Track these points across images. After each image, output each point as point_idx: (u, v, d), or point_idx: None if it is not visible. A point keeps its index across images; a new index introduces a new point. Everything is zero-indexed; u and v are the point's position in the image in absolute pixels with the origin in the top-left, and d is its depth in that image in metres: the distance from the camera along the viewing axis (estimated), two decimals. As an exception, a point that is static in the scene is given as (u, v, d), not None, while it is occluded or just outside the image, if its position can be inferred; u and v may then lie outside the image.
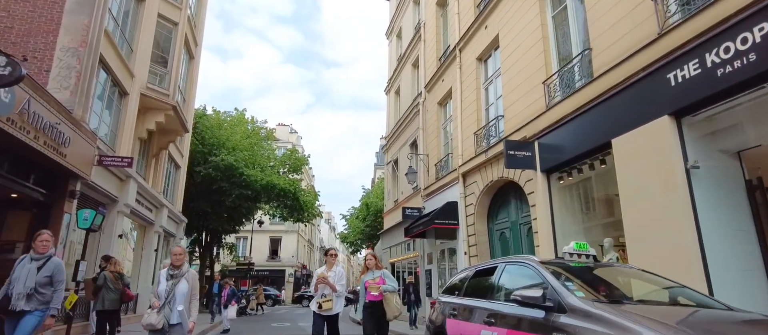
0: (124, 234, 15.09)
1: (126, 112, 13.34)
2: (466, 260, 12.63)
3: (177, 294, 4.99)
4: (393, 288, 6.53)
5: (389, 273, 6.85)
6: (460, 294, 5.36)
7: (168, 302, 4.94)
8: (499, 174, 11.34)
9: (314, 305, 6.41)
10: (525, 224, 10.77)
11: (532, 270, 4.08)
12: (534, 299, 3.55)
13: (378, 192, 31.07)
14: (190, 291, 5.10)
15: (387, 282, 6.55)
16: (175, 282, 5.03)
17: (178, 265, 5.13)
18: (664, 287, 4.17)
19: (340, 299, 6.49)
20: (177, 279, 5.06)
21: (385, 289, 6.45)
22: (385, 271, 6.82)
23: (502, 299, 4.42)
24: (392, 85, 23.57)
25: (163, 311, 4.89)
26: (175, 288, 5.00)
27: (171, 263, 5.17)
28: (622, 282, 4.25)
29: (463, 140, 13.43)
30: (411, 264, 18.46)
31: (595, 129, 7.96)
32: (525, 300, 3.60)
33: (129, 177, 12.98)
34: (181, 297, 5.01)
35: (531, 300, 3.57)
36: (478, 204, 12.43)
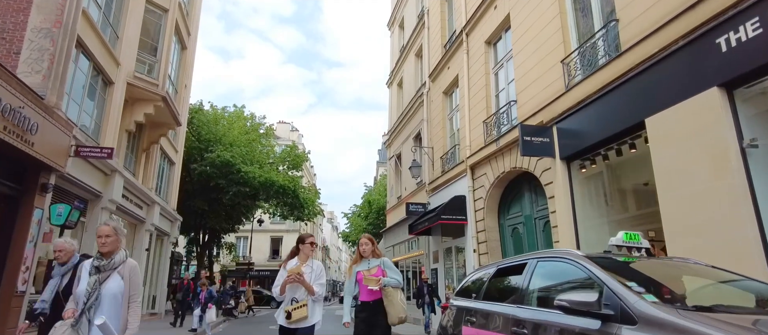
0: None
1: (111, 102, 12.50)
2: (475, 258, 11.75)
3: (104, 297, 3.26)
4: (397, 282, 4.94)
5: (391, 262, 5.18)
6: (478, 297, 4.48)
7: (87, 309, 3.19)
8: (511, 165, 10.44)
9: (281, 315, 4.44)
10: (541, 218, 9.88)
11: (577, 266, 3.19)
12: (586, 305, 2.66)
13: (380, 189, 30.16)
14: (126, 293, 3.36)
15: (388, 273, 4.95)
16: (99, 279, 3.30)
17: (106, 252, 3.40)
18: (742, 288, 3.28)
19: (317, 305, 4.53)
20: (105, 273, 3.34)
21: (386, 283, 4.83)
22: (385, 260, 5.13)
23: (533, 304, 3.54)
24: (394, 77, 22.69)
25: (79, 323, 3.16)
26: (100, 287, 3.27)
27: (98, 250, 3.46)
28: (692, 281, 3.35)
29: (471, 130, 12.53)
30: (415, 264, 17.58)
31: (623, 109, 7.06)
32: (574, 306, 2.71)
33: (114, 171, 12.14)
34: (109, 303, 3.27)
35: (581, 307, 2.69)
36: (488, 197, 11.54)
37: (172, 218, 19.74)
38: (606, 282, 2.79)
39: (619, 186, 8.42)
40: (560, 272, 3.46)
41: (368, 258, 5.11)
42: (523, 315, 3.46)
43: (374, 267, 5.00)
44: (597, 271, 2.95)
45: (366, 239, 5.19)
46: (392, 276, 4.97)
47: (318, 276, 4.57)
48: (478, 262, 11.67)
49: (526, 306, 3.55)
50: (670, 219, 6.09)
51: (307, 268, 4.58)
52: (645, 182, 8.12)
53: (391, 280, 4.91)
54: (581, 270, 3.13)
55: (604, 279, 2.84)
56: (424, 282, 13.12)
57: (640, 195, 8.17)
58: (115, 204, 12.41)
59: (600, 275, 2.89)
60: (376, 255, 5.14)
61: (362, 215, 30.41)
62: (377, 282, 4.81)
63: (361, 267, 5.08)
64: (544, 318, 3.18)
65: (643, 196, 8.12)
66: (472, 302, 4.53)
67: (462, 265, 12.76)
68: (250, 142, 25.43)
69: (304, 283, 4.41)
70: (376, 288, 4.80)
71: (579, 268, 3.16)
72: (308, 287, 4.43)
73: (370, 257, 5.11)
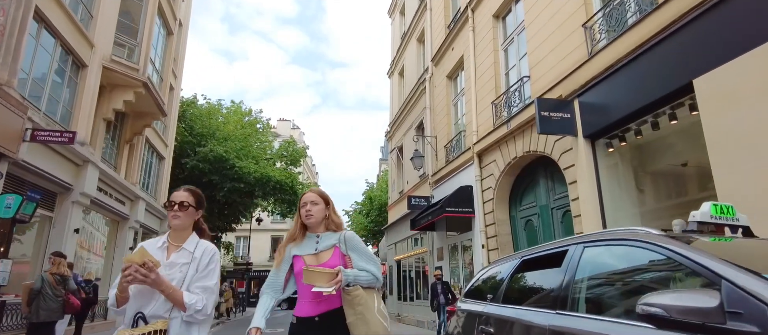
0: (91, 229, 13.22)
1: (84, 87, 11.43)
2: (484, 255, 10.59)
3: None
4: (371, 279, 2.55)
5: (359, 240, 2.69)
6: (495, 299, 3.34)
7: None
8: (524, 149, 9.29)
9: None
10: (559, 208, 8.72)
11: (658, 252, 2.04)
12: (701, 313, 1.53)
13: (382, 185, 29.02)
14: None
15: (355, 261, 2.58)
16: None
17: None
18: None
19: (194, 330, 2.19)
20: None
21: (352, 280, 2.45)
22: (348, 236, 2.66)
23: (580, 309, 2.39)
24: (395, 66, 21.56)
25: None
26: None
27: None
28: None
29: (479, 113, 11.38)
30: (418, 262, 16.44)
31: (661, 72, 5.90)
32: (680, 315, 1.57)
33: (87, 161, 11.08)
34: None
35: (692, 317, 1.55)
36: (498, 187, 10.38)
37: (162, 215, 18.68)
38: (733, 278, 1.63)
39: (654, 167, 7.26)
40: (625, 262, 2.32)
41: (317, 231, 2.64)
42: (569, 327, 2.31)
43: (327, 250, 2.58)
44: (708, 261, 1.79)
45: (314, 195, 2.68)
46: (363, 266, 2.54)
47: (201, 272, 2.22)
48: (487, 259, 10.52)
49: (571, 312, 2.40)
50: (729, 199, 4.92)
51: (182, 255, 2.24)
52: (683, 162, 6.98)
53: (361, 275, 2.49)
54: (668, 257, 1.98)
55: (728, 273, 1.68)
56: (438, 280, 11.48)
57: (682, 177, 7.00)
58: (88, 197, 11.34)
59: (718, 267, 1.73)
60: (333, 226, 2.67)
61: (363, 212, 29.30)
62: (332, 277, 2.35)
63: (302, 247, 2.62)
64: (609, 333, 2.04)
65: (684, 179, 6.96)
66: (487, 305, 3.40)
67: (469, 263, 11.61)
68: (246, 136, 24.35)
69: (159, 284, 2.07)
70: (331, 291, 2.32)
71: (662, 254, 2.01)
72: (169, 293, 2.09)
73: (319, 229, 2.65)
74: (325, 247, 2.59)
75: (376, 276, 2.55)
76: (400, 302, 18.18)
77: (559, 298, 2.53)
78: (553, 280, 2.76)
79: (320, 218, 2.63)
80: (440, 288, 11.25)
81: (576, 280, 2.51)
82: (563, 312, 2.44)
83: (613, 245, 2.43)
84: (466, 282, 11.91)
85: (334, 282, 2.33)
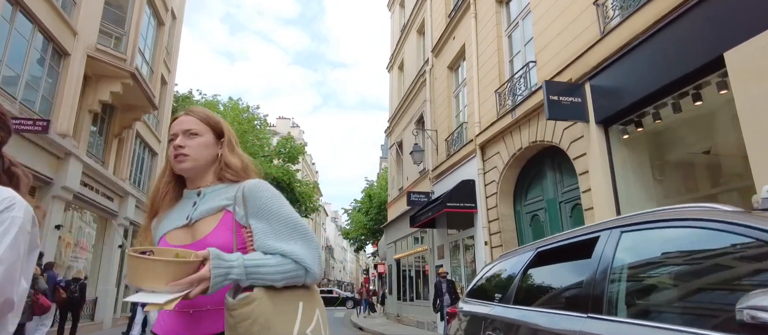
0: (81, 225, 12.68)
1: (66, 76, 10.88)
2: (487, 252, 10.02)
3: None
4: (286, 270, 1.19)
5: (274, 198, 1.30)
6: (504, 299, 2.78)
7: None
8: (530, 139, 8.71)
9: None
10: (568, 201, 8.14)
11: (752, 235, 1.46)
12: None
13: (382, 182, 28.43)
14: None
15: (257, 236, 1.25)
16: None
17: None
18: None
19: None
20: None
21: (239, 277, 1.14)
22: (250, 187, 1.31)
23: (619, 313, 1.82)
24: (395, 59, 20.98)
25: None
26: None
27: None
28: None
29: (481, 103, 10.80)
30: (418, 261, 15.86)
31: (685, 47, 5.33)
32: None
33: (69, 154, 10.52)
34: None
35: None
36: (502, 180, 9.81)
37: (154, 213, 18.10)
38: None
39: (673, 155, 6.68)
40: (683, 249, 1.74)
41: (198, 185, 1.40)
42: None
43: (210, 216, 1.32)
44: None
45: (192, 120, 1.41)
46: (273, 245, 1.24)
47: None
48: (491, 257, 9.94)
49: (610, 317, 1.83)
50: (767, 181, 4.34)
51: None
52: (706, 150, 6.41)
53: (264, 267, 1.19)
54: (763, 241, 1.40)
55: None
56: (443, 278, 10.59)
57: (701, 166, 6.42)
58: (70, 192, 10.79)
59: None
60: (229, 175, 1.40)
61: (363, 210, 28.71)
62: (182, 273, 1.09)
63: (171, 217, 1.38)
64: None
65: (706, 168, 6.38)
66: (494, 307, 2.83)
67: (471, 261, 11.03)
68: (243, 133, 23.80)
69: None
70: (166, 306, 1.04)
71: (750, 238, 1.43)
72: None
73: (203, 181, 1.41)
74: (205, 212, 1.32)
75: (302, 263, 1.23)
76: (399, 302, 17.61)
77: (591, 298, 1.96)
78: (579, 275, 2.19)
79: (204, 161, 1.38)
80: (445, 286, 10.38)
81: (613, 275, 1.94)
82: (598, 315, 1.87)
83: (665, 228, 1.85)
84: (468, 282, 11.33)
85: (177, 286, 1.07)
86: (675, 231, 1.78)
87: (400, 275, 17.88)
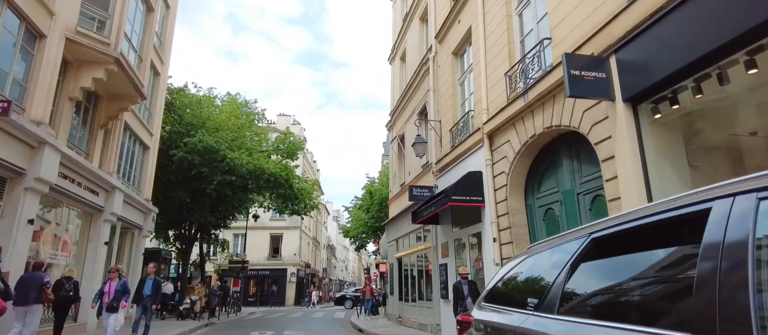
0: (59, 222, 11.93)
1: (42, 59, 10.12)
2: (496, 249, 9.21)
3: None
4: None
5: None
6: (544, 307, 1.96)
7: None
8: (544, 125, 7.89)
9: None
10: (588, 192, 7.32)
11: None
12: None
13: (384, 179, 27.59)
14: None
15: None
16: None
17: None
18: None
19: None
20: None
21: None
22: None
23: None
24: (397, 50, 20.17)
25: None
26: None
27: None
28: None
29: (490, 88, 9.99)
30: (421, 260, 15.05)
31: (732, 6, 4.50)
32: None
33: (43, 143, 9.75)
34: None
35: None
36: (513, 172, 8.99)
37: (145, 209, 17.38)
38: None
39: (713, 137, 5.86)
40: None
41: None
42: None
43: None
44: None
45: None
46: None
47: None
48: (499, 255, 9.13)
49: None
50: None
51: None
52: (752, 131, 5.59)
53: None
54: None
55: None
56: (464, 278, 9.24)
57: (745, 151, 5.61)
58: (46, 184, 10.02)
59: None
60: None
61: (363, 207, 27.88)
62: None
63: None
64: None
65: (751, 153, 5.56)
66: (528, 318, 2.01)
67: (477, 260, 10.21)
68: (240, 127, 23.01)
69: None
70: None
71: None
72: None
73: None
74: None
75: None
76: (401, 303, 16.80)
77: (711, 306, 1.14)
78: (673, 271, 1.37)
79: None
80: (467, 289, 9.06)
81: (750, 269, 1.12)
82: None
83: None
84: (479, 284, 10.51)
85: None
86: None
87: (402, 274, 17.07)
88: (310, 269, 48.14)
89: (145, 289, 9.97)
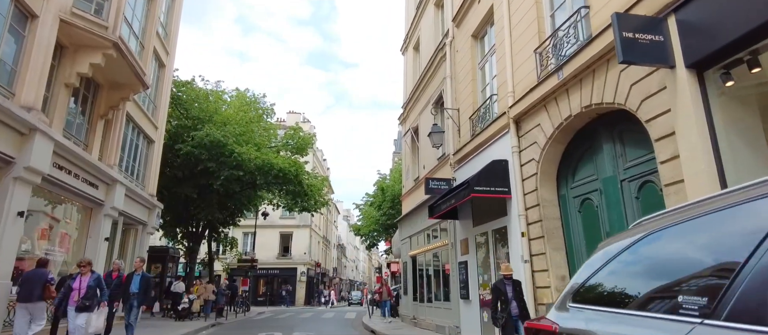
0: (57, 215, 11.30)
1: (34, 41, 9.46)
2: (524, 245, 8.35)
3: None
4: None
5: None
6: (728, 314, 1.11)
7: None
8: (583, 104, 7.01)
9: None
10: (634, 178, 6.43)
11: None
12: None
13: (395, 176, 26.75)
14: None
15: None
16: None
17: None
18: None
19: None
20: None
21: None
22: None
23: None
24: (409, 39, 19.34)
25: None
26: None
27: None
28: None
29: (516, 69, 9.12)
30: (436, 258, 14.20)
31: None
32: None
33: (34, 130, 9.08)
34: None
35: None
36: (544, 159, 8.12)
37: (149, 205, 16.74)
38: None
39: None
40: None
41: None
42: None
43: None
44: None
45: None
46: None
47: None
48: (528, 250, 8.27)
49: None
50: None
51: None
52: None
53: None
54: None
55: None
56: (508, 279, 7.47)
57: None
58: (38, 175, 9.36)
59: None
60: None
61: (375, 204, 27.04)
62: None
63: None
64: None
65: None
66: (688, 327, 1.17)
67: (506, 257, 9.33)
68: (248, 122, 22.30)
69: None
70: None
71: None
72: None
73: None
74: None
75: None
76: (415, 303, 15.96)
77: None
78: None
79: None
80: (511, 290, 7.34)
81: None
82: None
83: None
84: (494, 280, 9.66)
85: None
86: None
87: (417, 273, 16.23)
88: (320, 268, 47.48)
89: (132, 286, 9.12)
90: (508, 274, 7.53)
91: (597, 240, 7.12)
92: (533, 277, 8.08)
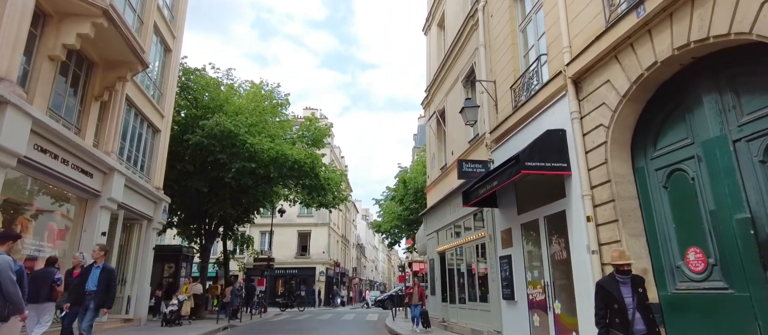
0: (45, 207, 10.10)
1: (6, 4, 8.22)
2: (591, 231, 6.73)
3: None
4: None
5: None
6: None
7: None
8: (676, 44, 5.37)
9: None
10: (755, 137, 4.77)
11: None
12: None
13: (418, 167, 25.15)
14: None
15: None
16: None
17: None
18: None
19: None
20: None
21: None
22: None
23: None
24: (433, 16, 17.76)
25: None
26: None
27: None
28: None
29: (572, 19, 7.50)
30: (471, 252, 12.59)
31: None
32: None
33: (5, 103, 7.82)
34: None
35: None
36: (615, 124, 6.48)
37: (155, 198, 15.54)
38: None
39: None
40: None
41: None
42: None
43: None
44: None
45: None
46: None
47: None
48: (596, 239, 6.64)
49: None
50: None
51: None
52: None
53: None
54: None
55: None
56: (622, 274, 4.82)
57: None
58: (12, 157, 8.10)
59: None
60: None
61: (397, 198, 25.51)
62: None
63: None
64: None
65: None
66: None
67: (563, 248, 7.69)
68: (262, 111, 20.97)
69: None
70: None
71: None
72: None
73: None
74: None
75: None
76: (445, 304, 14.38)
77: None
78: None
79: None
80: (631, 292, 4.71)
81: None
82: None
83: None
84: (560, 287, 8.03)
85: None
86: None
87: (446, 271, 14.64)
88: (339, 268, 46.16)
89: (88, 283, 7.28)
90: (623, 266, 4.82)
91: (692, 222, 5.48)
92: (603, 272, 6.44)
